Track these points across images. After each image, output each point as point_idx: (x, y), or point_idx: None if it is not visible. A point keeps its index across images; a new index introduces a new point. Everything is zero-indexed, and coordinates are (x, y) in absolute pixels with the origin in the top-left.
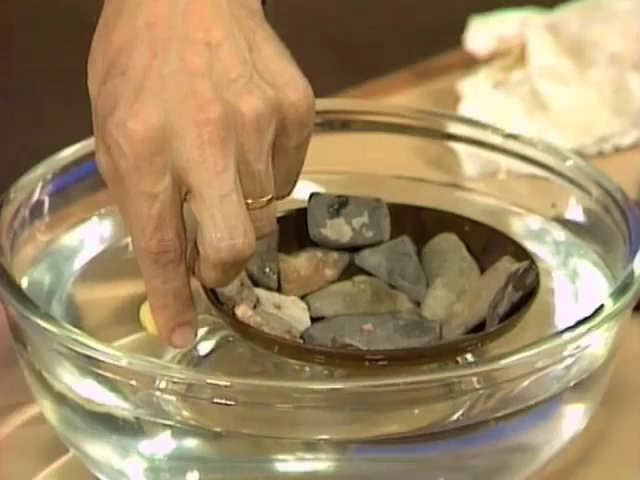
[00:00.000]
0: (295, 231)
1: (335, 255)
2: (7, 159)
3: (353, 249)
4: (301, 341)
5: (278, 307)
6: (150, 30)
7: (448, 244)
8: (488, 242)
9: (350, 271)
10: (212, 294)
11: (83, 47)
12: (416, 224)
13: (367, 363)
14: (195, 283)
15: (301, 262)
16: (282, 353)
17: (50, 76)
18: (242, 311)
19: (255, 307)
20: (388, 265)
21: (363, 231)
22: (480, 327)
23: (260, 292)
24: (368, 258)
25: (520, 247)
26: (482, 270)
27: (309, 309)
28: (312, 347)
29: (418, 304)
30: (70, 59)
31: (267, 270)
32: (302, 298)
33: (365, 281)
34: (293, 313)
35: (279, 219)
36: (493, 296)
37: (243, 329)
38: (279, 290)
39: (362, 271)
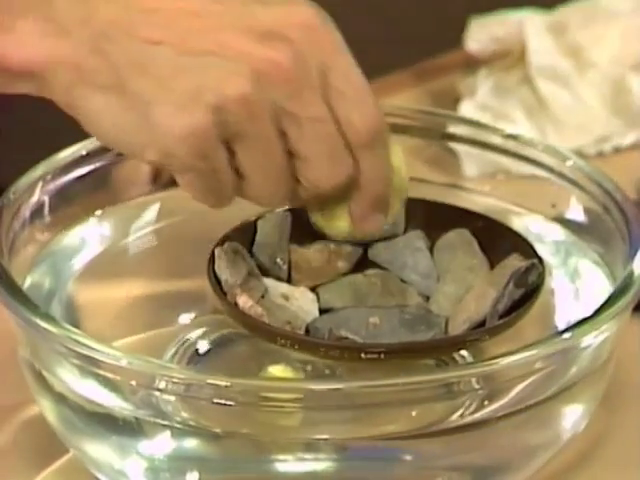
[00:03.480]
0: (308, 223)
1: (348, 247)
2: (7, 159)
3: (367, 242)
4: (300, 332)
5: (286, 298)
6: None
7: (460, 240)
8: (500, 239)
9: (363, 264)
10: (216, 283)
11: None
12: (430, 219)
13: (363, 355)
14: (197, 282)
15: (313, 253)
16: (280, 344)
17: None
18: (243, 301)
19: (263, 297)
20: (401, 259)
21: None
22: (485, 323)
23: (269, 282)
24: (381, 251)
25: (529, 245)
26: (492, 266)
27: (318, 300)
28: (309, 339)
29: (428, 299)
30: None
31: (278, 260)
32: (313, 289)
33: (376, 274)
34: (301, 304)
35: (291, 210)
36: (497, 293)
37: (243, 319)
38: (289, 281)
39: (375, 264)
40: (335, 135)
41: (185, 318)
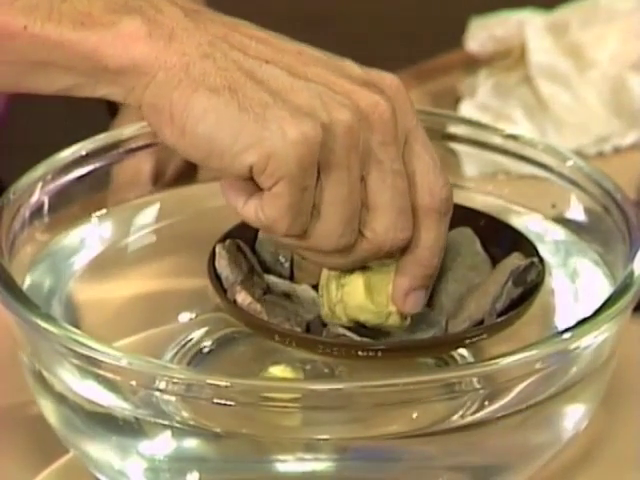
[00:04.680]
0: None
1: None
2: (7, 159)
3: None
4: (301, 330)
5: (288, 295)
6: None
7: (463, 238)
8: (502, 238)
9: None
10: (216, 280)
11: None
12: None
13: (360, 352)
14: (198, 281)
15: None
16: (278, 341)
17: None
18: (242, 298)
19: (265, 294)
20: None
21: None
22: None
23: (271, 279)
24: None
25: (531, 244)
26: (495, 265)
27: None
28: (306, 336)
29: (430, 297)
30: None
31: (280, 258)
32: (314, 287)
33: None
34: (303, 301)
35: None
36: (496, 292)
37: (242, 316)
38: (291, 278)
39: None
40: (407, 194)
41: (185, 317)
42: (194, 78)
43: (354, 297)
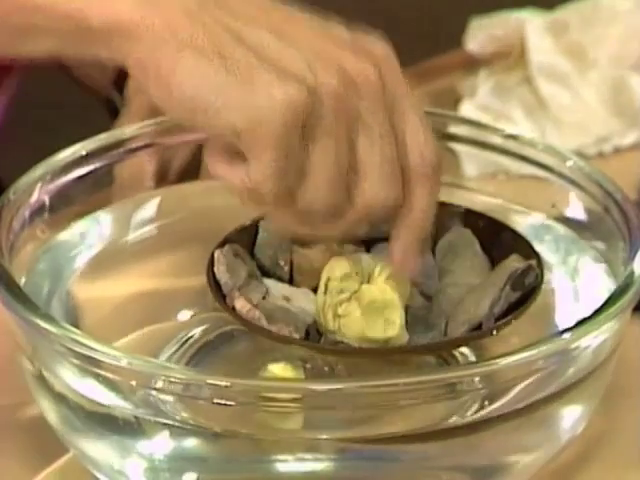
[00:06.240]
0: None
1: (350, 248)
2: (7, 159)
3: (369, 242)
4: (301, 334)
5: (288, 299)
6: None
7: (462, 240)
8: (501, 239)
9: None
10: (216, 286)
11: None
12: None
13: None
14: (198, 279)
15: (315, 254)
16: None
17: (50, 76)
18: (240, 304)
19: (264, 298)
20: None
21: (380, 224)
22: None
23: (270, 283)
24: (384, 252)
25: (530, 246)
26: (494, 266)
27: None
28: (304, 343)
29: (429, 299)
30: None
31: (279, 261)
32: (314, 291)
33: None
34: (303, 305)
35: None
36: (494, 295)
37: (242, 322)
38: (291, 282)
39: None
40: (396, 158)
41: (185, 315)
42: (181, 39)
43: (352, 329)
